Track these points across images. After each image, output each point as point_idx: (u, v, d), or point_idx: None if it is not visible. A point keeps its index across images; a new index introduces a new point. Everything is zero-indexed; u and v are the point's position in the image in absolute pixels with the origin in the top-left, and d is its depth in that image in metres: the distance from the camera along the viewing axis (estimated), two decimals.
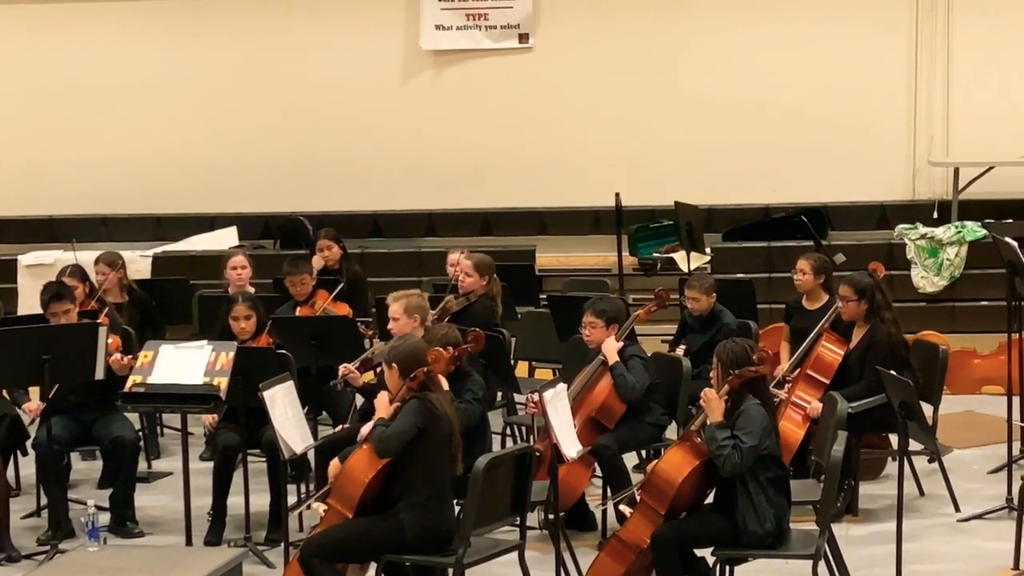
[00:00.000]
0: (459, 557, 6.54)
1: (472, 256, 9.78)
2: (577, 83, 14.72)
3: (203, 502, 8.28)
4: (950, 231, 13.00)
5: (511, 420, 9.51)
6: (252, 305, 8.64)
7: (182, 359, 7.76)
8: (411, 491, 6.60)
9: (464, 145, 14.77)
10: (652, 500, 6.66)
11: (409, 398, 6.69)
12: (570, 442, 7.01)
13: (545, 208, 14.64)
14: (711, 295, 9.45)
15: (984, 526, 8.29)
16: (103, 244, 12.84)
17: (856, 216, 14.30)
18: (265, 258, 12.79)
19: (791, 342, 9.33)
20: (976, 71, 14.21)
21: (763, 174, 14.41)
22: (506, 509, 6.87)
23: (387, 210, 14.84)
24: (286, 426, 7.23)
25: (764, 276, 12.73)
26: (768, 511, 6.52)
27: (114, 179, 15.02)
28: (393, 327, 8.18)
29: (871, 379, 8.15)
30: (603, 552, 6.83)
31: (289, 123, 14.92)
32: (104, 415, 8.50)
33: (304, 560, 6.59)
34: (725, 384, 6.63)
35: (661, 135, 14.59)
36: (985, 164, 13.84)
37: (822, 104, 14.32)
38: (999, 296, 9.95)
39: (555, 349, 9.87)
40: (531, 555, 7.15)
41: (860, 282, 8.61)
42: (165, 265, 13.39)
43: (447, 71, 14.98)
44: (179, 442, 8.41)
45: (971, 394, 11.23)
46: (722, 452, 6.47)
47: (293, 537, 7.74)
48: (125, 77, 15.07)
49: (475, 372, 7.73)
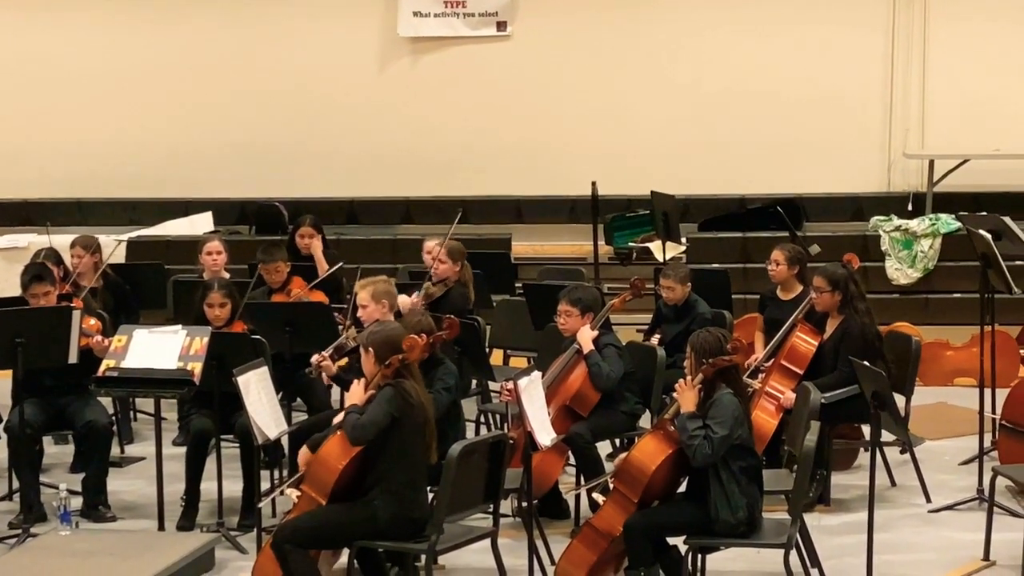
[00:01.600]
0: (432, 544, 6.55)
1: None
2: (555, 72, 14.72)
3: (176, 487, 8.27)
4: (924, 223, 13.05)
5: (485, 408, 9.52)
6: (227, 292, 8.63)
7: (156, 344, 7.74)
8: (385, 478, 6.61)
9: (441, 132, 14.77)
10: (625, 488, 6.67)
11: (384, 385, 6.69)
12: (544, 430, 7.03)
13: (521, 196, 14.64)
14: (686, 285, 9.47)
15: (955, 517, 8.33)
16: (78, 228, 12.79)
17: (831, 208, 14.35)
18: (240, 244, 12.76)
19: (765, 332, 9.36)
20: (951, 64, 14.27)
21: (739, 165, 14.44)
22: (479, 496, 6.88)
23: (363, 197, 14.82)
24: (260, 412, 7.23)
25: (739, 266, 12.77)
26: (740, 500, 6.55)
27: (89, 163, 14.98)
28: (362, 314, 8.18)
29: (844, 370, 8.18)
30: (576, 540, 6.84)
31: (266, 109, 14.89)
32: (77, 399, 8.47)
33: (277, 546, 6.59)
34: (699, 373, 6.64)
35: (638, 125, 14.61)
36: (960, 157, 13.90)
37: (798, 96, 14.36)
38: (972, 288, 10.00)
39: (530, 337, 9.88)
40: (504, 542, 7.16)
41: (834, 273, 8.63)
42: (140, 250, 13.35)
43: (424, 58, 14.96)
44: (152, 427, 8.40)
45: (943, 386, 11.28)
46: (693, 442, 6.48)
47: (266, 523, 7.74)
48: (102, 62, 15.02)
49: (448, 359, 7.73)
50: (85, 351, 8.24)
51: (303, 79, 14.86)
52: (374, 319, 7.90)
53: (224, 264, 10.38)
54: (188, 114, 14.96)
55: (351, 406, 6.70)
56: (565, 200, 14.52)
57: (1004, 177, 13.95)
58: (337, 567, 7.08)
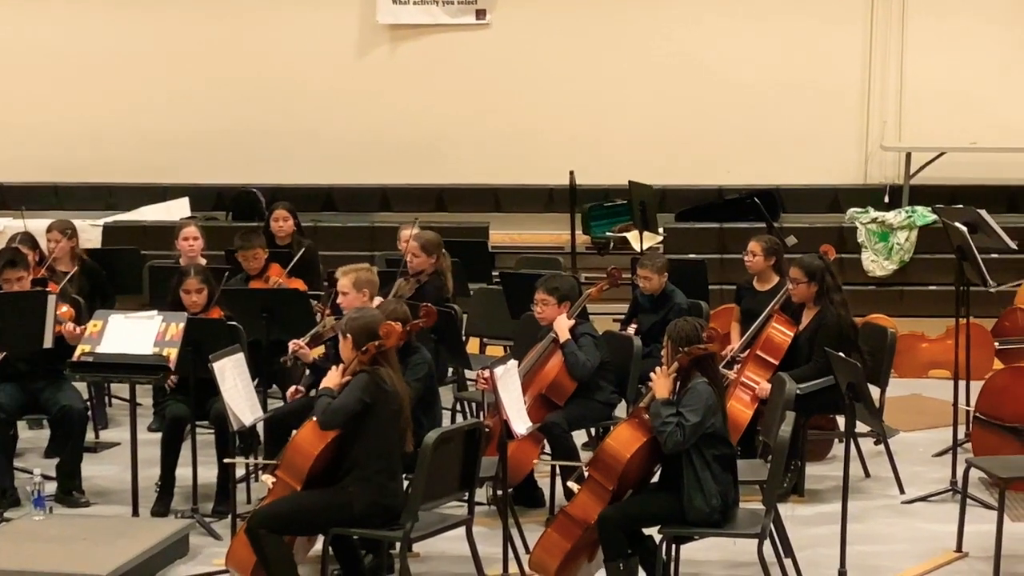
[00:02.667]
0: (407, 531, 6.54)
1: (420, 235, 9.72)
2: (533, 60, 14.72)
3: (150, 473, 8.25)
4: (901, 216, 13.08)
5: (461, 396, 9.52)
6: (204, 278, 8.60)
7: (132, 329, 7.72)
8: (360, 465, 6.60)
9: (419, 120, 14.76)
10: (600, 476, 6.68)
11: (359, 371, 6.69)
12: (520, 419, 7.03)
13: (500, 185, 14.64)
14: (663, 275, 9.48)
15: (928, 508, 8.37)
16: (54, 212, 12.75)
17: (808, 199, 14.39)
18: (217, 230, 12.74)
19: (741, 323, 9.39)
20: (929, 58, 14.31)
21: (717, 156, 14.47)
22: (455, 484, 6.88)
23: (341, 184, 14.81)
24: (235, 398, 7.21)
25: (716, 257, 12.79)
26: (714, 489, 6.56)
27: (66, 148, 14.93)
28: (342, 301, 8.17)
29: (820, 361, 8.21)
30: (551, 528, 6.85)
31: (244, 95, 14.86)
32: (52, 384, 8.44)
33: (251, 532, 6.58)
34: (674, 362, 6.65)
35: (617, 115, 14.62)
36: (936, 150, 13.95)
37: (777, 88, 14.39)
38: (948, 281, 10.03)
39: (507, 326, 9.88)
40: (479, 530, 7.17)
41: (810, 265, 8.65)
42: (116, 235, 13.30)
43: (403, 46, 14.95)
44: (127, 412, 8.37)
45: (918, 378, 11.32)
46: (665, 428, 6.49)
47: (241, 509, 7.73)
48: (80, 47, 14.97)
49: (423, 348, 7.72)
50: (60, 336, 8.21)
51: (282, 65, 14.83)
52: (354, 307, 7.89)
53: (201, 250, 10.36)
54: (166, 99, 14.92)
55: (324, 389, 6.70)
56: (543, 189, 14.53)
57: (980, 170, 14.00)
58: (311, 553, 7.08)
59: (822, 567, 7.21)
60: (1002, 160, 14.06)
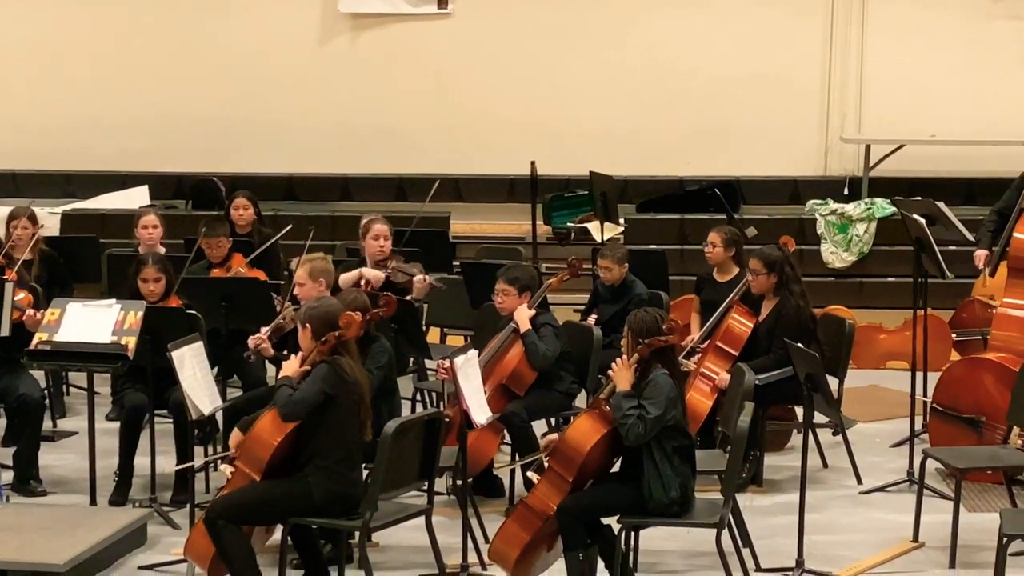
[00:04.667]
0: (366, 521, 6.54)
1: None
2: (495, 50, 14.71)
3: (109, 462, 8.22)
4: (860, 207, 13.14)
5: (421, 386, 9.52)
6: (162, 267, 8.55)
7: (90, 317, 7.69)
8: (319, 455, 6.59)
9: (380, 110, 14.72)
10: (560, 467, 6.68)
11: (319, 362, 6.67)
12: (480, 408, 7.03)
13: (460, 175, 14.63)
14: (623, 265, 9.50)
15: (885, 498, 8.42)
16: (12, 200, 12.67)
17: (768, 191, 14.42)
18: (177, 218, 12.68)
19: (701, 314, 9.42)
20: (889, 51, 14.37)
21: (678, 147, 14.49)
22: (414, 474, 6.88)
23: (301, 173, 14.76)
24: (194, 387, 7.19)
25: (676, 248, 12.81)
26: (673, 480, 6.58)
27: (25, 135, 14.82)
28: (299, 292, 8.14)
29: (779, 352, 8.25)
30: (510, 518, 6.85)
31: (204, 83, 14.78)
32: (9, 372, 8.39)
33: (210, 522, 6.56)
34: (635, 353, 6.67)
35: (578, 105, 14.62)
36: (896, 142, 14.01)
37: (738, 79, 14.41)
38: (906, 273, 10.08)
39: (467, 316, 9.88)
40: (438, 520, 7.17)
41: (770, 256, 8.68)
42: (75, 223, 13.22)
43: (365, 34, 14.91)
44: (85, 401, 8.33)
45: (876, 369, 11.39)
46: (627, 421, 6.51)
47: (199, 499, 7.71)
48: (39, 35, 14.86)
49: (382, 337, 7.71)
50: (18, 324, 8.16)
51: (243, 54, 14.76)
52: (311, 297, 7.86)
53: (160, 238, 10.32)
54: (126, 87, 14.83)
55: (283, 378, 6.68)
56: (504, 179, 14.52)
57: (939, 163, 14.07)
58: (270, 543, 7.06)
59: (780, 557, 7.24)
60: (961, 153, 14.13)
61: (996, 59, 14.28)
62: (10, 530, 7.27)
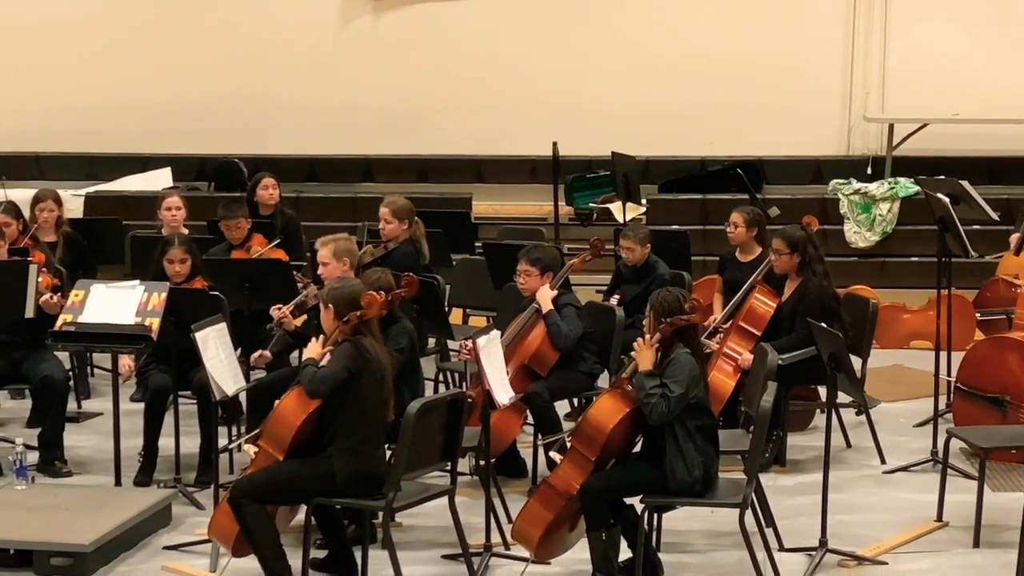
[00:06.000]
0: (389, 501, 6.55)
1: (391, 202, 9.69)
2: (516, 31, 14.68)
3: (133, 443, 8.25)
4: (883, 187, 13.10)
5: (444, 366, 9.52)
6: (187, 248, 8.58)
7: (114, 299, 7.71)
8: (342, 435, 6.60)
9: (402, 91, 14.71)
10: (583, 447, 6.69)
11: (342, 342, 6.68)
12: (502, 389, 7.04)
13: (482, 156, 14.61)
14: (646, 246, 9.48)
15: (909, 478, 8.41)
16: (36, 183, 12.71)
17: (791, 170, 14.38)
18: (199, 200, 12.69)
19: (724, 294, 9.40)
20: (912, 28, 14.29)
21: (700, 127, 14.45)
22: (437, 454, 6.89)
23: (323, 154, 14.77)
24: (218, 368, 7.20)
25: (699, 228, 12.80)
26: (696, 459, 6.57)
27: (48, 118, 14.85)
28: (323, 272, 8.16)
29: (802, 331, 8.23)
30: (533, 498, 6.86)
31: (226, 65, 14.79)
32: (34, 354, 8.43)
33: (234, 502, 6.58)
34: (657, 332, 6.66)
35: (599, 85, 14.58)
36: (919, 121, 13.95)
37: (760, 58, 14.36)
38: (930, 252, 10.04)
39: (489, 296, 9.88)
40: (461, 500, 7.19)
41: (792, 236, 8.66)
42: (98, 205, 13.26)
43: (386, 16, 14.89)
44: (109, 382, 8.36)
45: (900, 348, 11.35)
46: (650, 400, 6.50)
47: (223, 479, 7.73)
48: (61, 17, 14.87)
49: (404, 318, 7.71)
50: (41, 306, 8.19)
51: (265, 35, 14.77)
52: (335, 277, 7.88)
53: (183, 220, 10.34)
54: (148, 69, 14.84)
55: (307, 359, 6.69)
56: (526, 160, 14.50)
57: (963, 142, 14.01)
58: (294, 523, 7.08)
59: (803, 536, 7.24)
60: (984, 131, 14.07)
61: (1020, 36, 14.19)
62: (36, 511, 7.31)
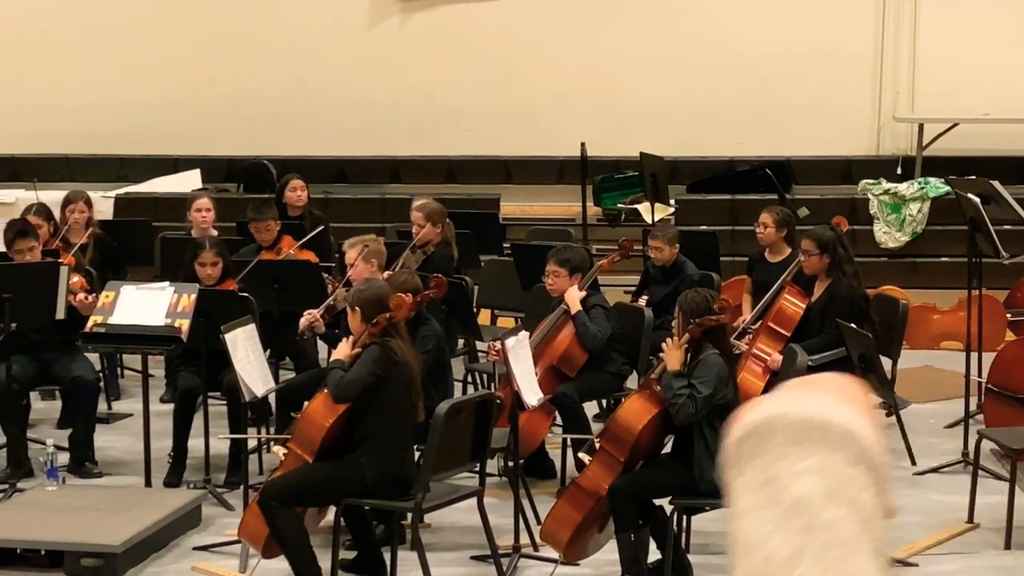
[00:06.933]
0: (418, 502, 6.56)
1: (423, 206, 9.73)
2: (544, 32, 14.67)
3: (163, 444, 8.27)
4: (913, 187, 13.05)
5: (472, 367, 9.52)
6: (219, 251, 8.60)
7: (144, 300, 7.74)
8: (371, 436, 6.61)
9: (430, 92, 14.72)
10: (611, 448, 6.69)
11: (370, 344, 6.69)
12: (531, 390, 7.04)
13: (510, 157, 14.62)
14: (674, 246, 9.47)
15: (940, 480, 8.37)
16: (66, 184, 12.75)
17: (820, 170, 14.34)
18: (228, 201, 12.73)
19: (753, 295, 9.38)
20: (942, 28, 14.23)
21: (728, 127, 14.41)
22: (466, 455, 6.89)
23: (351, 156, 14.78)
24: (247, 369, 7.22)
25: (727, 228, 12.76)
26: None
27: (78, 119, 14.91)
28: (351, 273, 8.18)
29: (831, 332, 8.20)
30: (562, 499, 6.86)
31: (254, 66, 14.83)
32: (65, 355, 8.47)
33: (263, 503, 6.59)
34: (686, 333, 6.65)
35: (628, 86, 14.57)
36: (949, 120, 13.88)
37: (788, 58, 14.32)
38: (960, 252, 10.00)
39: (518, 297, 9.88)
40: (490, 501, 7.18)
41: (822, 236, 8.64)
42: (127, 206, 13.30)
43: (414, 17, 14.90)
44: (139, 383, 8.39)
45: (930, 349, 11.30)
46: (677, 400, 6.49)
47: (253, 480, 7.75)
48: (91, 18, 14.94)
49: (432, 320, 7.72)
50: (73, 307, 8.23)
51: (293, 37, 14.80)
52: (363, 278, 7.89)
53: (212, 221, 10.37)
54: (177, 71, 14.89)
55: (335, 361, 6.70)
56: (554, 161, 14.50)
57: (993, 141, 13.95)
58: (323, 525, 7.09)
59: None
60: (1015, 131, 14.00)
61: None
62: (66, 511, 7.34)
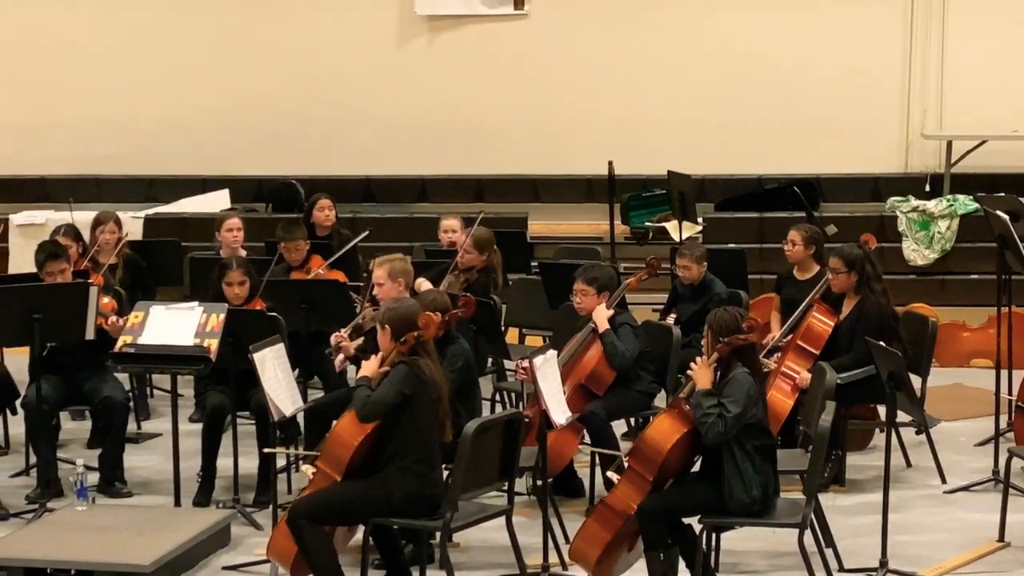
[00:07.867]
0: (447, 521, 6.56)
1: (474, 232, 9.74)
2: (571, 50, 14.69)
3: (192, 463, 8.30)
4: (942, 204, 13.00)
5: (500, 386, 9.53)
6: (246, 270, 8.62)
7: (173, 320, 7.76)
8: (399, 455, 6.61)
9: (458, 111, 14.75)
10: (640, 467, 6.67)
11: (398, 362, 6.69)
12: (559, 409, 7.03)
13: (538, 175, 14.63)
14: (702, 264, 9.46)
15: (970, 498, 8.33)
16: (95, 205, 12.82)
17: (848, 188, 14.31)
18: (257, 221, 12.77)
19: (781, 312, 9.37)
20: (970, 45, 14.20)
21: (756, 145, 14.40)
22: (494, 474, 6.89)
23: (380, 175, 14.83)
24: (276, 388, 7.24)
25: (755, 246, 12.74)
26: (754, 479, 6.54)
27: (107, 140, 15.00)
28: (378, 292, 8.19)
29: (860, 350, 8.17)
30: (590, 518, 6.84)
31: (283, 86, 14.88)
32: (94, 375, 8.50)
33: (292, 522, 6.61)
34: (715, 352, 6.64)
35: (655, 104, 14.57)
36: (978, 138, 13.85)
37: (816, 76, 14.31)
38: (989, 270, 9.96)
39: (546, 316, 9.88)
40: (519, 520, 7.17)
41: (850, 254, 8.62)
42: (156, 227, 13.36)
43: (441, 36, 14.95)
44: (169, 403, 8.42)
45: (960, 367, 11.26)
46: (707, 420, 6.48)
47: (281, 499, 7.76)
48: (120, 39, 15.02)
49: (461, 338, 7.72)
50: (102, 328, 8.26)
51: (321, 57, 14.85)
52: (391, 297, 7.90)
53: (242, 241, 10.41)
54: (206, 92, 14.95)
55: (362, 378, 6.70)
56: (581, 179, 14.51)
57: (1022, 158, 13.90)
58: (352, 544, 7.10)
59: (863, 557, 7.19)
60: None
61: None
62: (96, 531, 7.36)
